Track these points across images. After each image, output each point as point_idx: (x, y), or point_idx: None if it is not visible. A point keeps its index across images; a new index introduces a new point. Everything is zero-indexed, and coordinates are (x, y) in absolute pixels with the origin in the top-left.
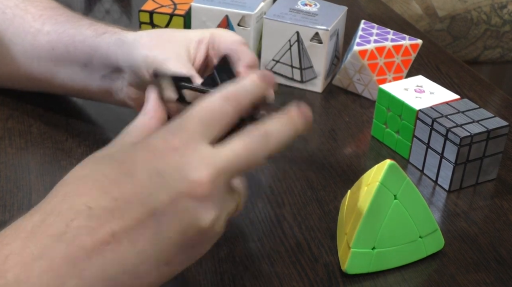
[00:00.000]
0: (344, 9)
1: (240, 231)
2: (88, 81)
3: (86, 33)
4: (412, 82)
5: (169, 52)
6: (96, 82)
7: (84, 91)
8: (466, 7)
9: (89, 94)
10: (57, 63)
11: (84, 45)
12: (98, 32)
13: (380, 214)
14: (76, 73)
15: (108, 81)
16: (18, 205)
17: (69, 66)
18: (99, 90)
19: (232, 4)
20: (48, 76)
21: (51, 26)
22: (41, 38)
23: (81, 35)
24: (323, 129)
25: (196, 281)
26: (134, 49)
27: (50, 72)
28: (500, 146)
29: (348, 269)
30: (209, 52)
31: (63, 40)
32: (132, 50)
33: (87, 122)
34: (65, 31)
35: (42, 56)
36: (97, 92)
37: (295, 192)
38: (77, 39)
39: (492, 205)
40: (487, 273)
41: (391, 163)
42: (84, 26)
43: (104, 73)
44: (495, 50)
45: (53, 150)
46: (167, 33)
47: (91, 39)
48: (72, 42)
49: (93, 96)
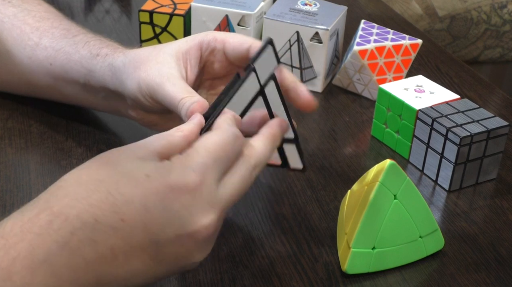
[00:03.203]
0: (344, 8)
1: (240, 231)
2: (91, 98)
3: (81, 53)
4: (412, 82)
5: (160, 76)
6: (99, 100)
7: (90, 105)
8: (466, 6)
9: (96, 108)
10: (56, 79)
11: (80, 67)
12: (93, 53)
13: (380, 214)
14: (77, 90)
15: (113, 100)
16: (18, 205)
17: (69, 84)
18: (103, 107)
19: (232, 4)
20: (51, 89)
21: (48, 41)
22: (39, 53)
23: (77, 54)
24: (323, 129)
25: (196, 281)
26: (124, 75)
27: (52, 86)
28: (500, 145)
29: (348, 269)
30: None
31: (60, 59)
32: (122, 77)
33: (87, 122)
34: (61, 48)
35: (41, 71)
36: (103, 108)
37: (295, 192)
38: (73, 59)
39: (492, 205)
40: (487, 273)
41: (391, 162)
42: (79, 43)
43: (105, 94)
44: (495, 50)
45: (53, 150)
46: (155, 52)
47: (85, 61)
48: (68, 61)
49: (100, 110)
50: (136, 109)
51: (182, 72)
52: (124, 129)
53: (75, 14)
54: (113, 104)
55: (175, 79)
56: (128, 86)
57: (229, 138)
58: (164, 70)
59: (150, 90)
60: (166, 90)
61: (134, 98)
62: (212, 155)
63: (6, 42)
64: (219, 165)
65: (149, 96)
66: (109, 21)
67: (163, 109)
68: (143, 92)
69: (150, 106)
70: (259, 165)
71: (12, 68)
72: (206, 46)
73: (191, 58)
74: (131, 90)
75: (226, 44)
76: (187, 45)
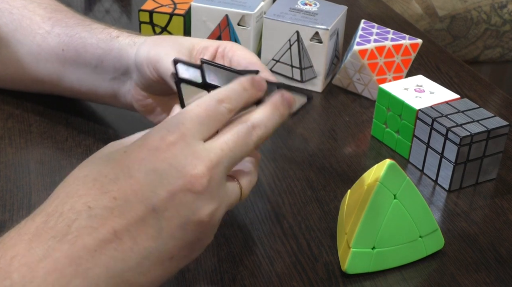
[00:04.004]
0: (344, 8)
1: (240, 231)
2: (97, 83)
3: (99, 37)
4: (412, 82)
5: (170, 50)
6: (104, 84)
7: (91, 94)
8: (466, 6)
9: (95, 97)
10: (66, 65)
11: (96, 48)
12: (112, 36)
13: (380, 213)
14: (85, 75)
15: (116, 83)
16: (18, 205)
17: (79, 68)
18: (106, 93)
19: (232, 4)
20: (55, 78)
21: (61, 29)
22: (51, 40)
23: (93, 38)
24: (323, 129)
25: (196, 281)
26: (140, 47)
27: (57, 74)
28: (500, 145)
29: (348, 269)
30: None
31: (74, 43)
32: (139, 49)
33: (87, 122)
34: (76, 33)
35: (50, 58)
36: (104, 95)
37: (295, 192)
38: (89, 42)
39: (492, 205)
40: (487, 273)
41: (390, 162)
42: (97, 29)
43: (113, 75)
44: (495, 49)
45: (53, 149)
46: (174, 38)
47: (104, 43)
48: (83, 45)
49: (99, 99)
50: (136, 88)
51: (192, 57)
52: (124, 130)
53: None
54: (115, 88)
55: (181, 55)
56: (140, 53)
57: (213, 99)
58: (176, 48)
59: (157, 59)
60: (168, 62)
61: (140, 68)
62: (189, 114)
63: (14, 33)
64: (200, 123)
65: (153, 66)
66: (109, 21)
67: (162, 89)
68: (151, 60)
69: (151, 80)
70: (259, 125)
71: (19, 57)
72: (222, 51)
73: (206, 53)
74: (141, 56)
75: (234, 55)
76: (207, 43)
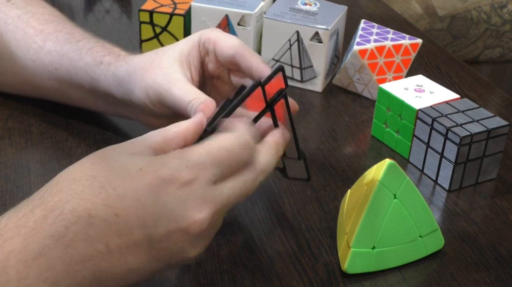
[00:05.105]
0: (344, 8)
1: (240, 231)
2: (99, 103)
3: (85, 60)
4: (412, 82)
5: (167, 81)
6: (107, 105)
7: (97, 109)
8: (466, 6)
9: (105, 111)
10: (62, 83)
11: (85, 74)
12: (96, 61)
13: (380, 213)
14: (84, 94)
15: (118, 107)
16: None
17: (75, 88)
18: (112, 112)
19: (232, 4)
20: (57, 91)
21: (52, 45)
22: (43, 56)
23: (81, 61)
24: (323, 129)
25: (196, 281)
26: (130, 85)
27: (57, 89)
28: (500, 145)
29: (348, 269)
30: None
31: (66, 64)
32: (128, 86)
33: (87, 122)
34: (66, 53)
35: (46, 75)
36: (112, 113)
37: (295, 192)
38: (78, 66)
39: (492, 205)
40: (487, 272)
41: (390, 162)
42: (83, 49)
43: (111, 100)
44: (495, 49)
45: (53, 149)
46: (158, 58)
47: (90, 69)
48: (73, 68)
49: (109, 113)
50: (145, 115)
51: (187, 74)
52: (124, 130)
53: (75, 14)
54: (121, 110)
55: (181, 83)
56: (136, 95)
57: (239, 146)
58: (169, 75)
59: (159, 97)
60: (174, 94)
61: (143, 106)
62: (212, 156)
63: (9, 44)
64: (219, 167)
65: (158, 102)
66: (109, 21)
67: (173, 113)
68: (152, 100)
69: (159, 112)
70: (265, 172)
71: (16, 70)
72: (202, 46)
73: (193, 59)
74: (140, 98)
75: (216, 46)
76: (188, 47)
